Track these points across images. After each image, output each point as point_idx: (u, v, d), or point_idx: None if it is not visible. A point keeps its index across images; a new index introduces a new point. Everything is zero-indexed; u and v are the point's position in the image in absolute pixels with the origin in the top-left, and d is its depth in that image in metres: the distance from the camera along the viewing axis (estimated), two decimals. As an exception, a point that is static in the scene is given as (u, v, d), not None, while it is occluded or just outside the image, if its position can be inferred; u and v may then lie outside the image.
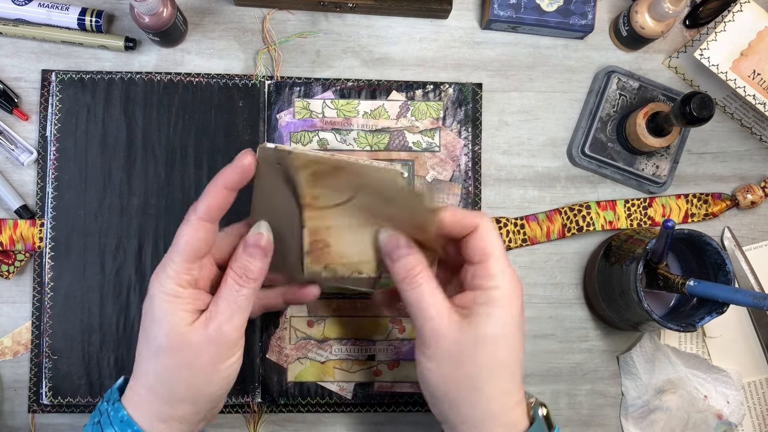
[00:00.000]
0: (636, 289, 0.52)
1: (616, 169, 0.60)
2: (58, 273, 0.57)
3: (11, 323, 0.58)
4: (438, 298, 0.44)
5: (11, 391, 0.57)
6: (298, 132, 0.59)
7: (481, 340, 0.43)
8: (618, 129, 0.60)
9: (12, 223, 0.57)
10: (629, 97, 0.60)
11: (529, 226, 0.61)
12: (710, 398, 0.59)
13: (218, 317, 0.43)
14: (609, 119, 0.60)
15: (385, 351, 0.58)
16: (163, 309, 0.43)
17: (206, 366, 0.43)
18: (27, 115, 0.58)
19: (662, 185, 0.61)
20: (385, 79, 0.61)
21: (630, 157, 0.60)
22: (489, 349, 0.43)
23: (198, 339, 0.43)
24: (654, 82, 0.61)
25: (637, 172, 0.60)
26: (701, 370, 0.60)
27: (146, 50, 0.60)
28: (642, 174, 0.60)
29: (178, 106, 0.58)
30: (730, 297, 0.50)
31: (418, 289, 0.44)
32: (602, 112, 0.60)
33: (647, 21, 0.58)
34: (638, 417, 0.60)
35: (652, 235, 0.53)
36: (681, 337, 0.62)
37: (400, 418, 0.60)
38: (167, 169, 0.58)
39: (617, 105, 0.60)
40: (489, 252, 0.44)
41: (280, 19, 0.61)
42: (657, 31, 0.59)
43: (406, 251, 0.45)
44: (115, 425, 0.43)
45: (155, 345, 0.43)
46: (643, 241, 0.53)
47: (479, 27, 0.62)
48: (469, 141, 0.60)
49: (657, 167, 0.60)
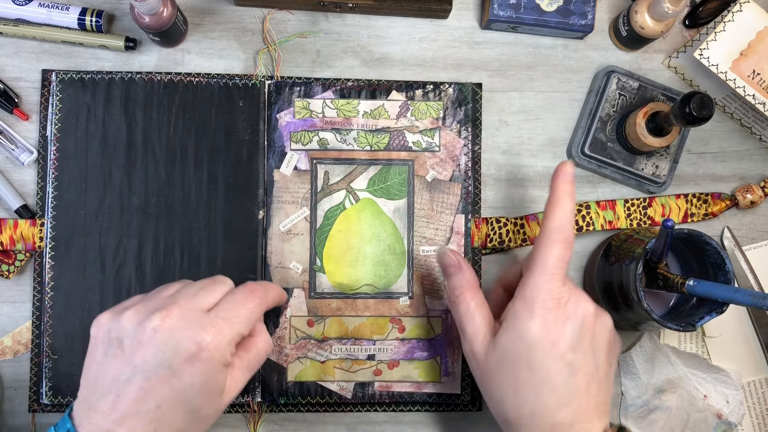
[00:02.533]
0: (636, 288, 0.52)
1: (615, 168, 0.60)
2: (58, 273, 0.57)
3: (11, 323, 0.58)
4: (476, 319, 0.48)
5: (11, 391, 0.57)
6: (298, 132, 0.59)
7: (500, 358, 0.46)
8: (618, 129, 0.60)
9: (12, 223, 0.57)
10: (629, 97, 0.60)
11: (529, 226, 0.61)
12: (710, 398, 0.59)
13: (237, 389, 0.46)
14: (609, 119, 0.60)
15: (385, 351, 0.58)
16: (219, 383, 0.44)
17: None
18: (27, 114, 0.58)
19: (662, 185, 0.61)
20: (385, 79, 0.61)
21: (630, 157, 0.60)
22: (507, 369, 0.46)
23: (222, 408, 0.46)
24: (654, 82, 0.61)
25: (636, 171, 0.60)
26: (701, 369, 0.60)
27: (146, 50, 0.60)
28: (642, 174, 0.60)
29: (178, 106, 0.58)
30: (730, 296, 0.50)
31: (459, 306, 0.49)
32: (602, 112, 0.60)
33: (647, 21, 0.58)
34: (638, 417, 0.60)
35: (652, 234, 0.53)
36: (681, 337, 0.62)
37: (400, 418, 0.60)
38: (167, 169, 0.58)
39: (617, 105, 0.60)
40: (527, 266, 0.48)
41: (280, 19, 0.61)
42: (657, 31, 0.59)
43: (456, 270, 0.50)
44: None
45: (197, 415, 0.44)
46: (643, 241, 0.53)
47: (479, 27, 0.62)
48: (469, 141, 0.60)
49: (657, 167, 0.60)
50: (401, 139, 0.60)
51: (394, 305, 0.59)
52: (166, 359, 0.42)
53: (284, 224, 0.58)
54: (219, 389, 0.44)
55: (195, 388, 0.43)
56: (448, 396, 0.59)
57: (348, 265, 0.59)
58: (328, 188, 0.59)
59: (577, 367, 0.45)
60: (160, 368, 0.42)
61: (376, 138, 0.59)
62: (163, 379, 0.42)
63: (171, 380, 0.42)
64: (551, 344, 0.45)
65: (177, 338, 0.43)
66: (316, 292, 0.58)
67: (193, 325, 0.43)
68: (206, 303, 0.45)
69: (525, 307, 0.46)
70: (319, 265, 0.58)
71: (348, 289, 0.58)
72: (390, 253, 0.59)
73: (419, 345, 0.59)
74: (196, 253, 0.57)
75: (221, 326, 0.44)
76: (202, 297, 0.46)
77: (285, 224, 0.58)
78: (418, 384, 0.58)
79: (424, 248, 0.59)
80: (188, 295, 0.45)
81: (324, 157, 0.59)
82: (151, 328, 0.43)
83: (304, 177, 0.59)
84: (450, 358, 0.59)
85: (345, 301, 0.58)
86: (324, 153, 0.59)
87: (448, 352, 0.59)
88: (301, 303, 0.58)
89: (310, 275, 0.58)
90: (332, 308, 0.58)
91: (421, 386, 0.58)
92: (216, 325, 0.44)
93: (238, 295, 0.47)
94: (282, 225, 0.58)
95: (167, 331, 0.43)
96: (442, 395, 0.58)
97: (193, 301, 0.45)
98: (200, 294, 0.46)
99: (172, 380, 0.42)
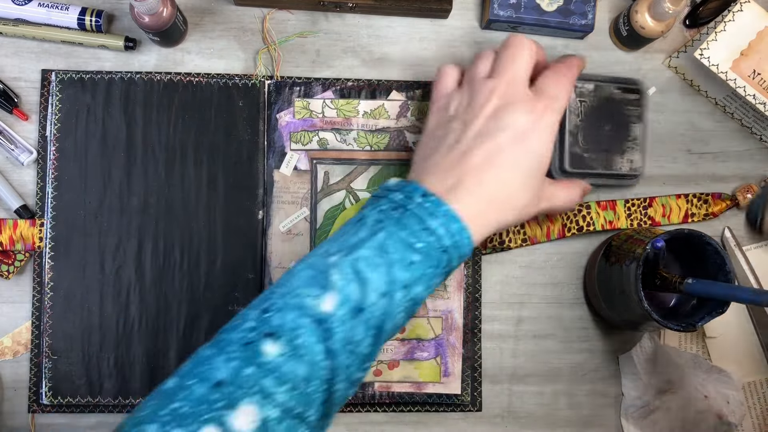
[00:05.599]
0: (636, 289, 0.52)
1: (597, 176, 0.59)
2: (58, 273, 0.57)
3: (11, 323, 0.58)
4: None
5: (11, 391, 0.57)
6: (298, 132, 0.59)
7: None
8: (590, 131, 0.58)
9: (12, 223, 0.57)
10: (589, 100, 0.58)
11: (529, 225, 0.61)
12: (710, 398, 0.59)
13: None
14: (577, 130, 0.58)
15: (385, 351, 0.58)
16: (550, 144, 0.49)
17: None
18: (27, 114, 0.58)
19: (639, 176, 0.60)
20: (385, 78, 0.61)
21: (607, 160, 0.58)
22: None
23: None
24: (606, 76, 0.59)
25: (615, 172, 0.59)
26: (701, 370, 0.60)
27: (146, 50, 0.60)
28: (620, 173, 0.59)
29: (178, 106, 0.58)
30: (729, 294, 0.49)
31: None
32: (570, 126, 0.58)
33: (647, 21, 0.58)
34: (638, 417, 0.60)
35: (652, 235, 0.53)
36: (681, 337, 0.62)
37: (400, 419, 0.60)
38: (167, 169, 0.58)
39: (581, 113, 0.58)
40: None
41: (280, 19, 0.61)
42: (657, 31, 0.59)
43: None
44: (439, 217, 0.44)
45: (537, 173, 0.48)
46: (643, 241, 0.53)
47: (479, 27, 0.62)
48: (469, 141, 0.60)
49: (631, 161, 0.59)
50: (401, 139, 0.60)
51: (394, 305, 0.59)
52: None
53: (284, 224, 0.58)
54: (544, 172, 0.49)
55: (534, 152, 0.48)
56: (448, 396, 0.59)
57: (348, 266, 0.58)
58: (328, 188, 0.59)
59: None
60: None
61: (376, 138, 0.59)
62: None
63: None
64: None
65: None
66: (316, 293, 0.58)
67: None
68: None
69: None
70: (319, 266, 0.58)
71: None
72: (390, 254, 0.59)
73: (419, 345, 0.58)
74: (196, 253, 0.57)
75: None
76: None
77: (285, 224, 0.58)
78: (418, 384, 0.58)
79: (424, 248, 0.59)
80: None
81: (324, 157, 0.59)
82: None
83: (304, 177, 0.59)
84: (450, 359, 0.59)
85: (345, 301, 0.58)
86: (324, 153, 0.59)
87: (448, 352, 0.59)
88: (301, 303, 0.58)
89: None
90: (332, 308, 0.58)
91: (421, 386, 0.58)
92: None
93: (561, 70, 0.51)
94: (282, 225, 0.58)
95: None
96: (442, 395, 0.58)
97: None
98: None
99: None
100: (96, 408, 0.57)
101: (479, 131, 0.48)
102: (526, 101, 0.48)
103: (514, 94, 0.48)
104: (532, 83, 0.50)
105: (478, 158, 0.47)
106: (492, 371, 0.61)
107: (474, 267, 0.60)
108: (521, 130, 0.47)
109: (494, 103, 0.48)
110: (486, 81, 0.49)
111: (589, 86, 0.58)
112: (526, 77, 0.50)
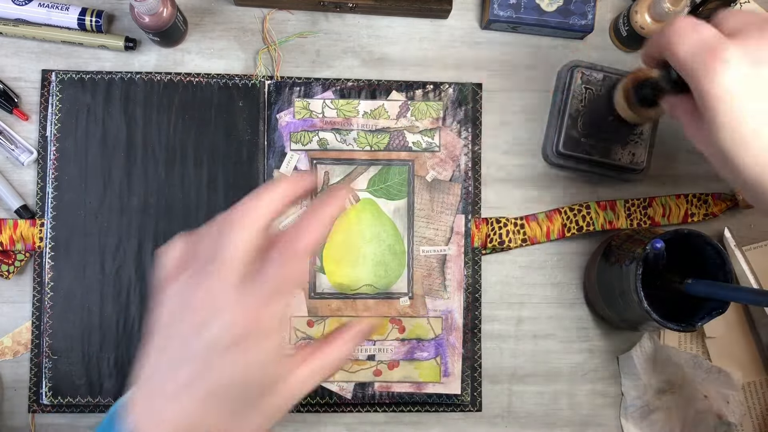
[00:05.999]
0: (636, 289, 0.52)
1: (593, 163, 0.59)
2: (58, 273, 0.57)
3: (11, 323, 0.58)
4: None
5: (11, 391, 0.57)
6: (298, 132, 0.59)
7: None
8: (594, 117, 0.59)
9: (12, 223, 0.57)
10: (595, 89, 0.59)
11: (529, 226, 0.61)
12: (710, 398, 0.59)
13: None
14: (578, 115, 0.59)
15: (385, 351, 0.58)
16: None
17: None
18: (27, 115, 0.58)
19: (642, 171, 0.60)
20: (385, 79, 0.61)
21: (605, 149, 0.59)
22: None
23: None
24: (618, 70, 0.60)
25: (614, 162, 0.59)
26: (701, 370, 0.60)
27: (146, 50, 0.60)
28: (620, 164, 0.59)
29: (178, 106, 0.58)
30: (729, 294, 0.49)
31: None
32: (570, 109, 0.59)
33: (647, 21, 0.58)
34: (638, 417, 0.60)
35: (652, 235, 0.53)
36: (681, 337, 0.62)
37: (400, 418, 0.60)
38: (167, 169, 0.58)
39: (584, 99, 0.59)
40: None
41: (280, 19, 0.61)
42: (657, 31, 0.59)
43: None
44: None
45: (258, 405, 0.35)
46: (643, 241, 0.53)
47: (479, 27, 0.62)
48: (469, 141, 0.60)
49: (633, 155, 0.59)
50: (401, 139, 0.60)
51: (394, 305, 0.59)
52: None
53: (284, 224, 0.58)
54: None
55: (261, 385, 0.36)
56: (448, 396, 0.59)
57: (348, 266, 0.58)
58: (328, 188, 0.59)
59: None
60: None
61: (376, 138, 0.59)
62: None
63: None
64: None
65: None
66: (316, 293, 0.58)
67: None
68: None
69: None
70: (319, 266, 0.58)
71: (348, 289, 0.58)
72: (390, 254, 0.59)
73: (419, 345, 0.59)
74: (195, 254, 0.57)
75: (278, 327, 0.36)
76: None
77: (285, 224, 0.58)
78: (418, 384, 0.58)
79: (424, 248, 0.59)
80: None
81: (324, 158, 0.59)
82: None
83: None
84: (450, 359, 0.59)
85: (345, 301, 0.58)
86: (324, 153, 0.59)
87: (448, 352, 0.59)
88: (300, 303, 0.58)
89: (310, 275, 0.58)
90: (332, 309, 0.58)
91: (421, 386, 0.58)
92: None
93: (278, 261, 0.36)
94: (282, 225, 0.58)
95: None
96: (442, 395, 0.58)
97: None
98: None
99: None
100: (96, 408, 0.57)
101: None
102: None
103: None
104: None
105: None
106: (492, 371, 0.61)
107: (474, 267, 0.60)
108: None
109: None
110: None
111: (597, 75, 0.59)
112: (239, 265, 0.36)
